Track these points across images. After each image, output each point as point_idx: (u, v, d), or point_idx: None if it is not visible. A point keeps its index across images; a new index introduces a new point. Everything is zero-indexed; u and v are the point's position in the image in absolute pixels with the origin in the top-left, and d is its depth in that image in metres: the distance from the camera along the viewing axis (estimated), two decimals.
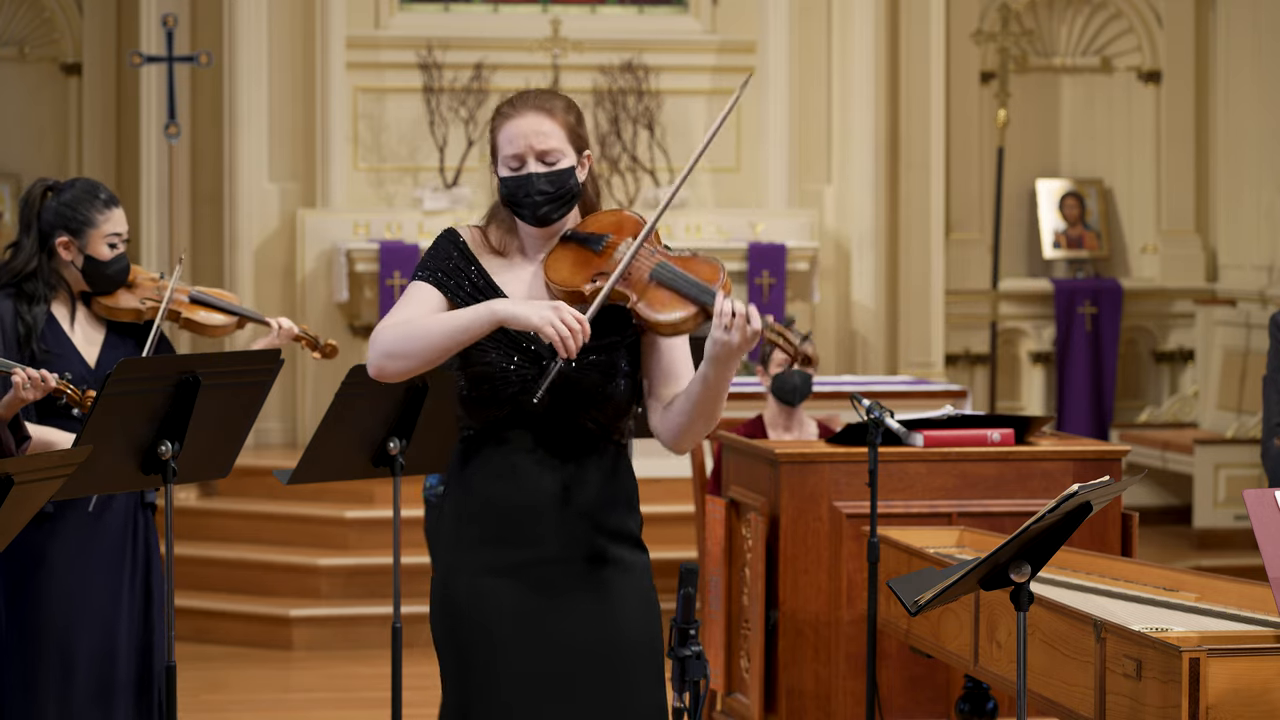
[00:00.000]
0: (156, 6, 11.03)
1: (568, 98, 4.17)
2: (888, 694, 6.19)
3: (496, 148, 4.10)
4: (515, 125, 4.06)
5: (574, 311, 3.87)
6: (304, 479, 5.34)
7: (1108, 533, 6.08)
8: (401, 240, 11.09)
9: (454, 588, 4.02)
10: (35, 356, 5.25)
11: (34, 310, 5.30)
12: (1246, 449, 10.98)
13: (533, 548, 3.99)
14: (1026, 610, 4.20)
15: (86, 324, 5.41)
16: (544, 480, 4.00)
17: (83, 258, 5.32)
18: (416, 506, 9.30)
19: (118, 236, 5.35)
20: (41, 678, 5.29)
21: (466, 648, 4.00)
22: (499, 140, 4.09)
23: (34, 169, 11.71)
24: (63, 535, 5.28)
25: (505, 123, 4.08)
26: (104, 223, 5.33)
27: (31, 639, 5.28)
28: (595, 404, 4.01)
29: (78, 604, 5.30)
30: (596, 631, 3.99)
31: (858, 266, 11.57)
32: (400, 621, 5.37)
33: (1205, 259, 12.42)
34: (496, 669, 3.98)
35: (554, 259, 4.06)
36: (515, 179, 4.06)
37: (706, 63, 11.83)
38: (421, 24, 11.64)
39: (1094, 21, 12.57)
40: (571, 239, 4.09)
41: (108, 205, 5.35)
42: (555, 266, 4.05)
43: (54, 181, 5.43)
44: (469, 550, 4.01)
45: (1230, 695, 4.07)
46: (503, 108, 4.11)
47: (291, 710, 8.34)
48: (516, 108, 4.08)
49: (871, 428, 5.70)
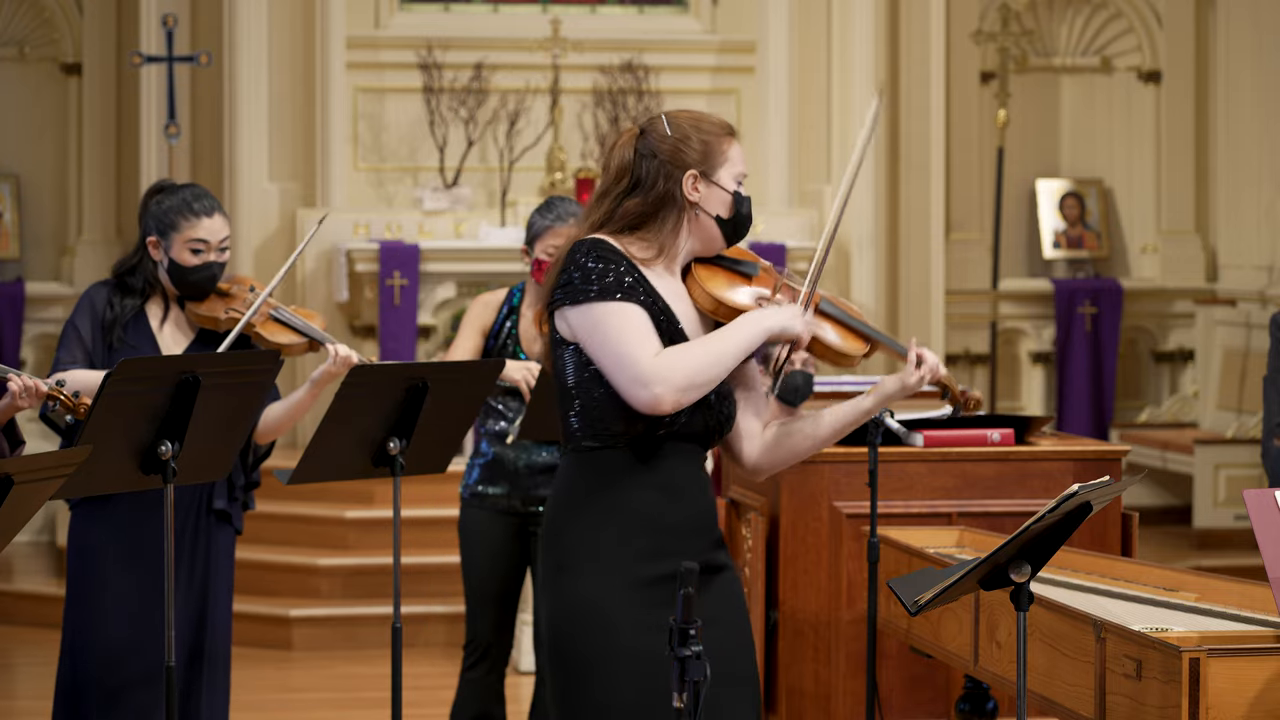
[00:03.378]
0: (156, 6, 11.03)
1: None
2: (888, 694, 6.19)
3: (723, 159, 4.15)
4: (740, 149, 4.20)
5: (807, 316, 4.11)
6: (304, 479, 5.34)
7: (1108, 533, 6.08)
8: (401, 240, 11.08)
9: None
10: (113, 346, 5.40)
11: (126, 302, 5.46)
12: (1246, 449, 10.98)
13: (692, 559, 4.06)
14: (1026, 610, 4.20)
15: (176, 327, 5.53)
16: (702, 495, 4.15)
17: (168, 260, 5.43)
18: (416, 507, 9.33)
19: (204, 244, 5.42)
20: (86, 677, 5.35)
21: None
22: (731, 154, 4.17)
23: (34, 169, 11.71)
24: (119, 526, 5.34)
25: (733, 140, 4.19)
26: (187, 228, 5.42)
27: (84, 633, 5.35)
28: (728, 421, 4.15)
29: (130, 602, 5.35)
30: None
31: (858, 266, 11.57)
32: (400, 621, 5.36)
33: (1205, 259, 12.42)
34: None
35: (708, 275, 4.17)
36: (744, 197, 4.19)
37: (706, 63, 11.83)
38: (421, 24, 11.65)
39: (1094, 21, 12.57)
40: (718, 262, 4.21)
41: (195, 212, 5.43)
42: (715, 283, 4.16)
43: (167, 182, 5.57)
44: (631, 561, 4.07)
45: (1230, 695, 4.07)
46: (717, 123, 4.19)
47: (291, 710, 8.34)
48: (730, 131, 4.20)
49: (871, 428, 5.70)
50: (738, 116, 11.76)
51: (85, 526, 5.45)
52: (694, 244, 4.17)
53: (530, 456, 6.14)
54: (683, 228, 4.16)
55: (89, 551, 5.43)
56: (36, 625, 9.68)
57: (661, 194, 4.13)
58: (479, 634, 6.20)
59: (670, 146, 4.15)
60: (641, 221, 4.15)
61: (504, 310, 6.20)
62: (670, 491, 4.07)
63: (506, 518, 6.17)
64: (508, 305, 6.20)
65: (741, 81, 11.78)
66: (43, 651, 9.12)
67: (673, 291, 4.15)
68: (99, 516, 5.42)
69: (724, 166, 4.15)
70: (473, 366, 5.54)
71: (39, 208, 11.76)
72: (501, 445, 6.16)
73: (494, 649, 6.21)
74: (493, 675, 6.21)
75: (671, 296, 4.13)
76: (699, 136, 4.15)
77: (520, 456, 6.14)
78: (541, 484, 6.12)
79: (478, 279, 11.04)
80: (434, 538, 9.50)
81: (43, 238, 11.78)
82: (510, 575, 6.20)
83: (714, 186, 4.14)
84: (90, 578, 5.42)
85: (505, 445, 6.16)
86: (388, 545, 8.93)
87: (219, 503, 5.56)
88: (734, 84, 11.81)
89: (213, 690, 5.59)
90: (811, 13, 11.58)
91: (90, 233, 11.64)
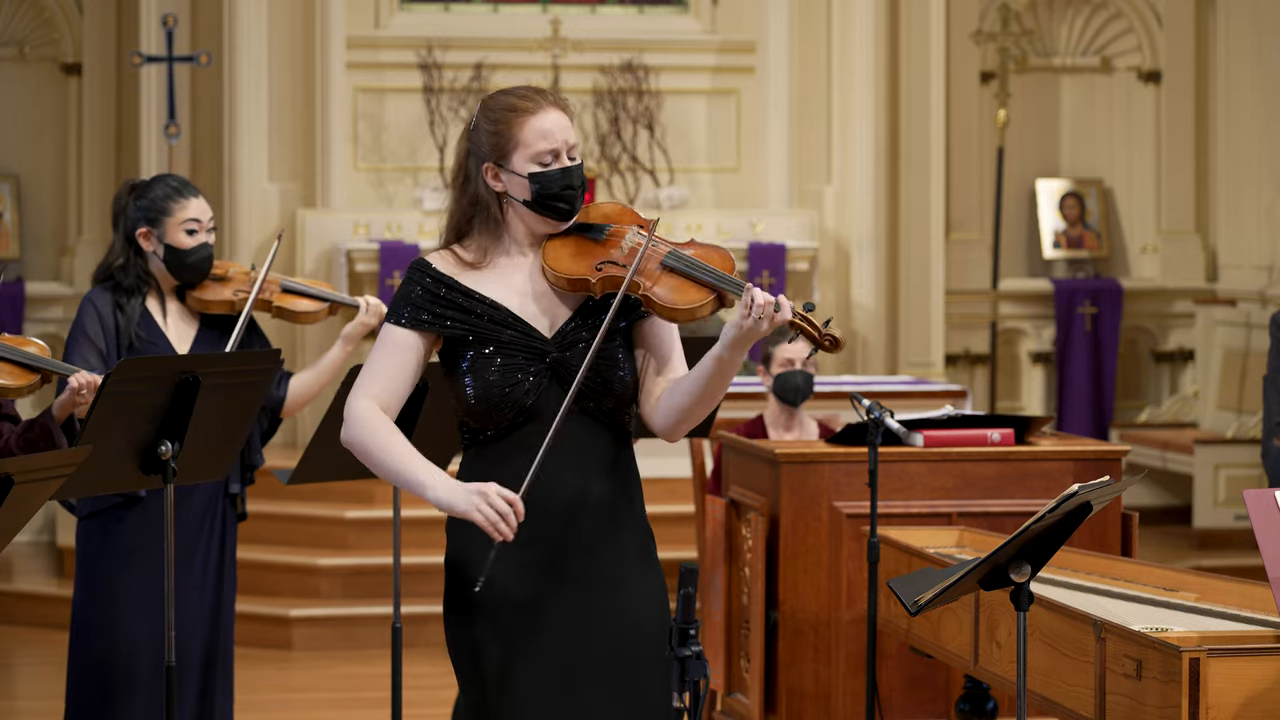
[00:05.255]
0: (156, 6, 11.03)
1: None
2: (888, 694, 6.19)
3: (515, 143, 4.03)
4: (544, 120, 4.02)
5: (503, 491, 3.88)
6: (304, 479, 5.34)
7: (1108, 533, 6.08)
8: (401, 240, 11.09)
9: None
10: (134, 345, 5.40)
11: (130, 302, 5.44)
12: (1246, 449, 10.98)
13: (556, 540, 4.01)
14: (1026, 610, 4.20)
15: (180, 318, 5.52)
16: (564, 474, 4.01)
17: (163, 247, 5.43)
18: (416, 507, 9.31)
19: (196, 223, 5.44)
20: (102, 667, 5.35)
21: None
22: (524, 135, 4.02)
23: (34, 169, 11.72)
24: (146, 520, 5.34)
25: (529, 118, 4.02)
26: (178, 210, 5.43)
27: (97, 628, 5.34)
28: (602, 394, 4.01)
29: (144, 595, 5.35)
30: (613, 623, 4.01)
31: (858, 266, 11.57)
32: (400, 621, 5.37)
33: (1205, 259, 12.42)
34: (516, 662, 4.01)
35: (553, 250, 4.04)
36: (553, 173, 4.02)
37: (706, 63, 11.83)
38: (421, 24, 11.65)
39: (1094, 21, 12.57)
40: (568, 230, 4.08)
41: (181, 194, 5.45)
42: (556, 257, 4.03)
43: (138, 180, 5.57)
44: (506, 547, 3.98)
45: (1230, 695, 4.07)
46: (514, 103, 4.04)
47: (291, 710, 8.34)
48: (537, 103, 4.04)
49: (871, 428, 5.70)
50: (738, 116, 11.77)
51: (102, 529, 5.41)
52: (525, 230, 4.07)
53: None
54: (505, 221, 4.07)
55: (108, 553, 5.40)
56: (36, 625, 9.68)
57: (474, 194, 4.08)
58: None
59: (471, 142, 4.09)
60: (467, 227, 4.10)
61: None
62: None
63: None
64: None
65: (741, 81, 11.78)
66: (43, 651, 9.12)
67: (515, 280, 4.05)
68: (117, 517, 5.39)
69: (517, 151, 4.02)
70: None
71: (39, 208, 11.76)
72: None
73: None
74: None
75: (507, 288, 4.04)
76: (486, 126, 4.05)
77: None
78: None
79: None
80: (434, 538, 9.43)
81: (43, 238, 11.78)
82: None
83: (511, 174, 4.03)
84: (109, 578, 5.39)
85: None
86: (388, 545, 8.93)
87: (234, 487, 5.55)
88: (734, 84, 11.81)
89: (225, 689, 5.59)
90: (811, 13, 11.58)
91: (90, 233, 11.64)
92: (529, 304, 4.05)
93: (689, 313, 3.98)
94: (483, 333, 4.01)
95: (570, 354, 4.00)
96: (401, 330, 4.04)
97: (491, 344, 4.00)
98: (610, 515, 4.04)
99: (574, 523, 4.01)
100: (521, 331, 4.02)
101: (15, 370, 4.98)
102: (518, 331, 4.01)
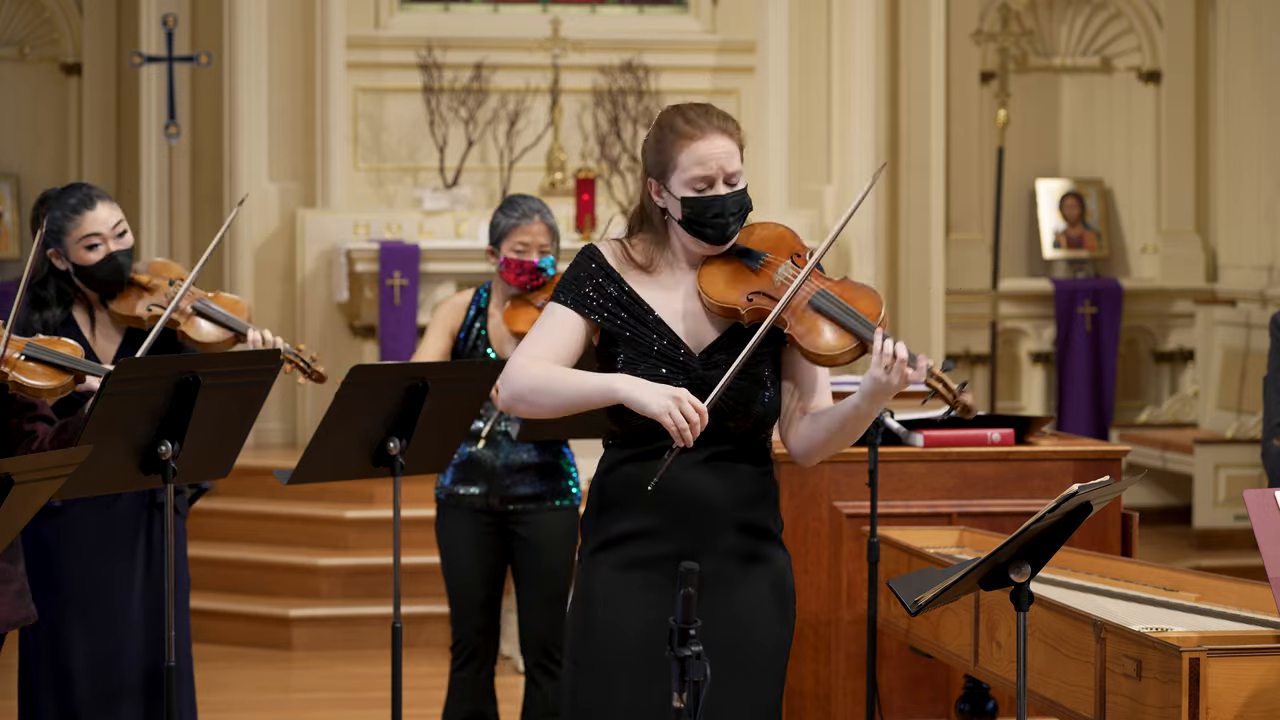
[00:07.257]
0: (156, 6, 11.03)
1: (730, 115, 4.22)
2: (888, 694, 6.19)
3: (673, 165, 4.12)
4: (704, 147, 4.10)
5: (694, 400, 3.97)
6: (304, 479, 5.33)
7: (1108, 533, 6.08)
8: (401, 240, 11.09)
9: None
10: None
11: (44, 316, 5.36)
12: (1246, 449, 10.98)
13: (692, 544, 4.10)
14: (1026, 610, 4.19)
15: (106, 328, 5.45)
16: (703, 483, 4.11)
17: (71, 265, 5.36)
18: (416, 507, 9.32)
19: (97, 236, 5.34)
20: (42, 676, 5.32)
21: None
22: (681, 159, 4.10)
23: (34, 169, 11.71)
24: (69, 531, 5.31)
25: (690, 143, 4.11)
26: (74, 229, 5.34)
27: (37, 635, 5.31)
28: (742, 415, 4.11)
29: (81, 602, 5.32)
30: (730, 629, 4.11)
31: (858, 266, 11.57)
32: (400, 621, 5.36)
33: (1205, 259, 12.42)
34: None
35: (709, 273, 4.14)
36: (705, 200, 4.11)
37: (706, 63, 11.83)
38: (421, 24, 11.65)
39: (1094, 21, 12.57)
40: (729, 254, 4.17)
41: (75, 210, 5.34)
42: (711, 280, 4.13)
43: (50, 191, 5.46)
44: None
45: (1230, 695, 4.07)
46: (680, 126, 4.13)
47: (291, 710, 8.34)
48: (701, 129, 4.12)
49: (871, 428, 5.70)
50: (737, 116, 11.73)
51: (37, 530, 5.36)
52: (683, 246, 4.19)
53: (508, 455, 6.13)
54: (670, 233, 4.19)
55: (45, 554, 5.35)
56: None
57: (643, 201, 4.22)
58: (465, 635, 6.19)
59: (643, 154, 4.24)
60: (639, 227, 4.23)
61: (471, 311, 6.19)
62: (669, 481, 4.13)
63: (484, 517, 6.16)
64: (475, 306, 6.20)
65: (741, 81, 11.78)
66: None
67: (675, 294, 4.17)
68: (49, 520, 5.33)
69: (675, 173, 4.12)
70: (472, 367, 5.54)
71: None
72: (476, 444, 6.15)
73: (481, 649, 6.20)
74: (483, 674, 6.20)
75: (667, 300, 4.16)
76: (656, 144, 4.16)
77: (498, 455, 6.13)
78: (518, 483, 6.12)
79: (478, 279, 11.03)
80: (434, 538, 9.49)
81: None
82: (491, 575, 6.20)
83: (669, 195, 4.15)
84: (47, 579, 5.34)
85: (480, 445, 6.14)
86: (388, 545, 8.94)
87: (161, 495, 5.44)
88: (734, 84, 11.81)
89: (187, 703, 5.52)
90: (811, 13, 11.58)
91: None
92: (683, 321, 4.16)
93: (830, 359, 4.06)
94: (640, 338, 4.12)
95: (713, 374, 4.10)
96: (568, 311, 4.16)
97: (644, 349, 4.11)
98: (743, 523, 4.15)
99: (706, 537, 4.11)
100: (672, 344, 4.13)
101: (48, 371, 4.97)
102: (669, 343, 4.13)
